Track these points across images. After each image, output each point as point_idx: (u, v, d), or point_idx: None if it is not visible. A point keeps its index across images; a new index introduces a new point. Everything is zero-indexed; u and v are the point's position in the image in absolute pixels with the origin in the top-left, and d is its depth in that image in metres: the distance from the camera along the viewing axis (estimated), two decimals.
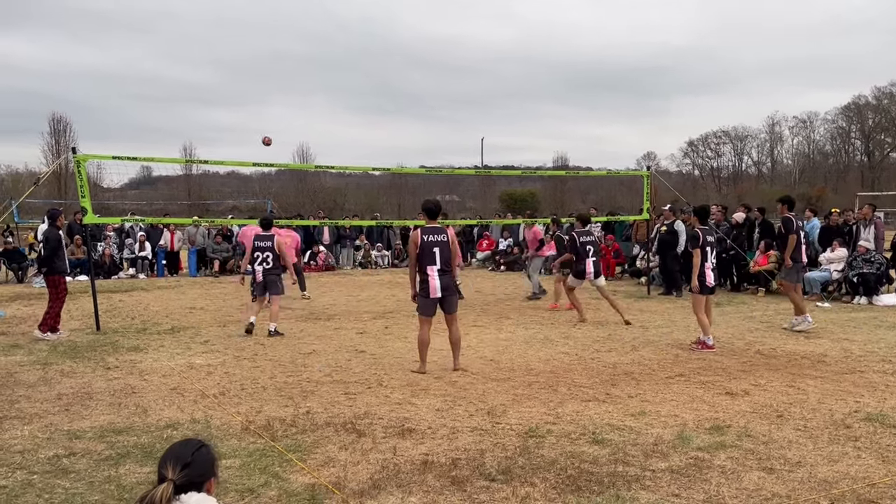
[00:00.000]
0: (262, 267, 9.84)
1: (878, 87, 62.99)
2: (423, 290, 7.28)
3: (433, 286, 7.21)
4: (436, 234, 7.30)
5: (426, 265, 7.24)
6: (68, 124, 52.26)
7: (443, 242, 7.29)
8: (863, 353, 8.20)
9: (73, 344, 9.24)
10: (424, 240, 7.26)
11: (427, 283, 7.24)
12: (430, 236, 7.28)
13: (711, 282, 8.66)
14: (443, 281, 7.25)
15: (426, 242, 7.25)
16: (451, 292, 7.37)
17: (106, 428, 5.51)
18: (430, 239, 7.26)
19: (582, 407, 6.03)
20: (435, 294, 7.22)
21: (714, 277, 8.77)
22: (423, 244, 7.25)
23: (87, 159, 10.99)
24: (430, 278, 7.22)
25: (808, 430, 5.32)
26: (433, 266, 7.23)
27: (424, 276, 7.26)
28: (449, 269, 7.34)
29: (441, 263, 7.25)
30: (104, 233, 20.05)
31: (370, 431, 5.37)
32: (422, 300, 7.32)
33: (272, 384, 6.97)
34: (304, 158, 57.30)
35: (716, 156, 73.58)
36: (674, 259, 14.59)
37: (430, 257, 7.23)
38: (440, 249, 7.25)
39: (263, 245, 9.91)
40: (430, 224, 7.44)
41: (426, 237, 7.27)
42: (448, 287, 7.31)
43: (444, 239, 7.31)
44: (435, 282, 7.21)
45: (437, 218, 7.60)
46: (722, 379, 7.02)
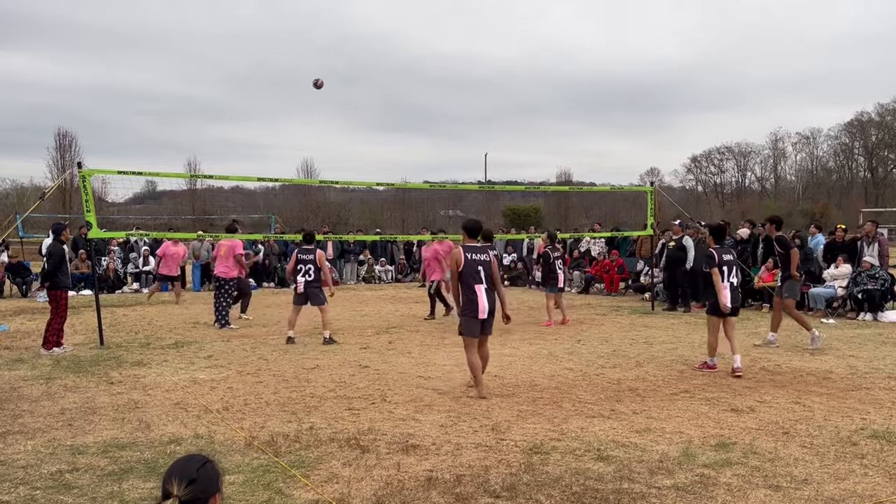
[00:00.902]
0: (304, 279, 10.19)
1: (881, 104, 63.13)
2: (471, 310, 6.91)
3: (482, 306, 6.87)
4: (479, 253, 7.01)
5: (473, 283, 6.89)
6: (74, 139, 52.79)
7: (486, 262, 7.00)
8: (868, 370, 8.16)
9: (77, 358, 9.24)
10: (468, 258, 6.94)
11: (476, 303, 6.88)
12: (473, 254, 6.97)
13: (728, 303, 8.17)
14: (490, 301, 6.94)
15: (470, 260, 6.93)
16: (493, 312, 7.04)
17: (109, 443, 5.50)
18: (474, 257, 6.96)
19: (587, 423, 6.00)
20: (483, 314, 6.90)
21: (734, 298, 8.28)
22: (466, 262, 6.92)
23: (92, 174, 11.03)
24: (479, 298, 6.88)
25: (814, 447, 5.29)
26: (480, 285, 6.89)
27: (472, 295, 6.89)
28: (493, 289, 7.03)
29: (487, 282, 6.94)
30: (109, 247, 20.10)
31: (374, 447, 5.35)
32: (468, 321, 6.95)
33: (275, 399, 6.95)
34: (308, 173, 57.52)
35: (719, 172, 73.68)
36: (683, 275, 14.56)
37: (475, 276, 6.90)
38: (484, 268, 6.96)
39: (306, 258, 10.26)
40: (470, 242, 7.12)
41: (469, 255, 6.95)
42: (492, 308, 6.99)
43: (488, 258, 7.04)
44: (483, 302, 6.88)
45: (479, 237, 7.26)
46: (727, 395, 6.99)
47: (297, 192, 57.80)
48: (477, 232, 7.25)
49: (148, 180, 48.52)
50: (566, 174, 63.90)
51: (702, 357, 8.68)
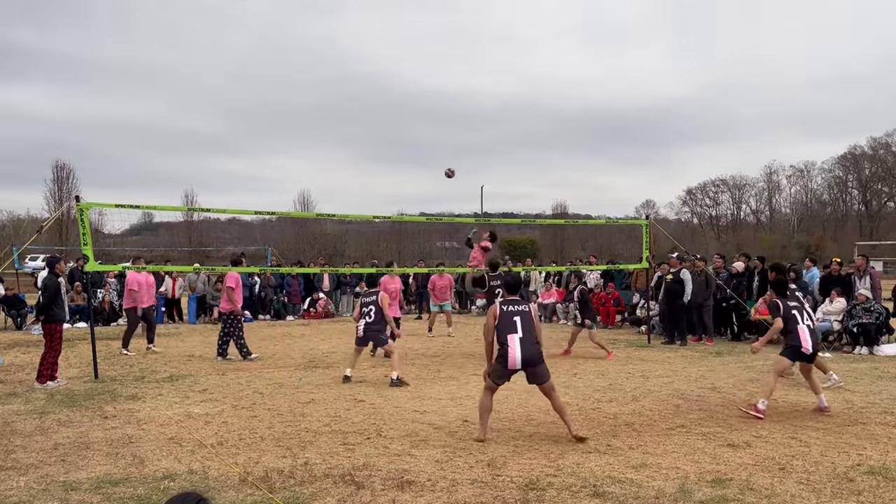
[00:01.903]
0: (365, 321, 10.16)
1: (873, 138, 63.75)
2: (501, 358, 6.71)
3: (513, 357, 6.61)
4: (516, 305, 6.89)
5: (506, 334, 6.71)
6: (71, 171, 52.82)
7: (524, 312, 6.83)
8: (864, 405, 8.15)
9: (71, 392, 9.19)
10: (504, 310, 6.83)
11: (506, 353, 6.65)
12: (509, 307, 6.86)
13: (808, 347, 7.73)
14: (525, 351, 6.65)
15: (505, 313, 6.80)
16: (537, 362, 6.72)
17: (102, 479, 5.46)
18: (510, 309, 6.83)
19: (583, 459, 5.98)
20: (514, 365, 6.64)
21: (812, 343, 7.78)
22: (502, 315, 6.80)
23: (90, 207, 11.07)
24: (510, 348, 6.64)
25: (810, 483, 5.28)
26: (514, 334, 6.68)
27: (504, 345, 6.70)
28: (536, 340, 6.78)
29: (523, 332, 6.70)
30: (105, 279, 20.08)
31: (369, 483, 5.32)
32: (497, 367, 6.76)
33: (270, 434, 6.92)
34: (305, 206, 57.66)
35: (714, 204, 74.11)
36: (680, 308, 14.59)
37: (510, 326, 6.73)
38: (522, 318, 6.77)
39: (368, 301, 10.30)
40: (509, 297, 7.09)
41: (505, 308, 6.85)
42: (533, 359, 6.68)
43: (526, 309, 6.88)
44: (515, 352, 6.61)
45: (518, 293, 7.18)
46: (723, 430, 6.98)
47: (293, 223, 57.90)
48: (516, 289, 7.20)
49: (145, 212, 48.57)
50: (562, 206, 64.22)
51: (696, 384, 8.68)
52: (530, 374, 6.77)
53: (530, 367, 6.71)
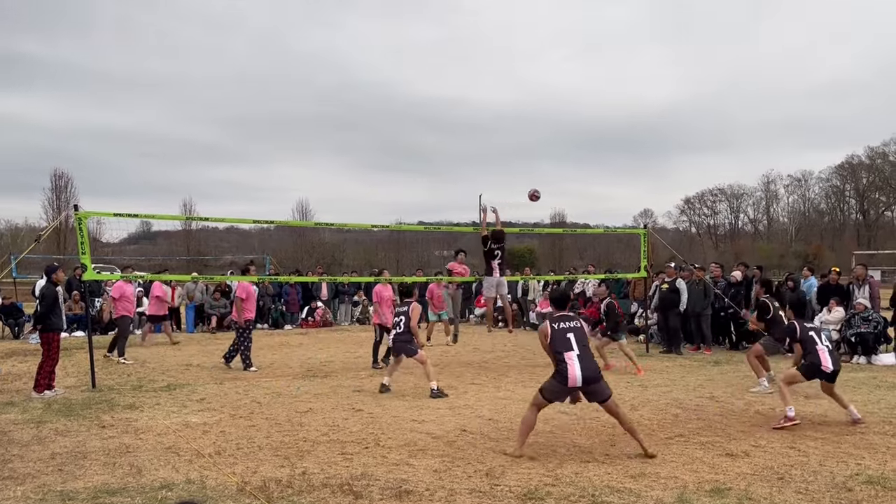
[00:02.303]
0: (395, 332, 10.01)
1: (871, 147, 63.93)
2: (559, 375, 6.50)
3: (572, 374, 6.41)
4: (567, 322, 6.73)
5: (562, 351, 6.52)
6: (70, 180, 52.90)
7: (577, 328, 6.67)
8: (863, 414, 8.13)
9: (68, 401, 9.17)
10: (554, 328, 6.68)
11: (565, 371, 6.45)
12: (560, 324, 6.71)
13: (829, 365, 7.66)
14: (585, 368, 6.44)
15: (557, 330, 6.65)
16: (597, 379, 6.50)
17: (99, 489, 5.45)
18: (561, 326, 6.69)
19: (581, 468, 5.97)
20: (574, 383, 6.42)
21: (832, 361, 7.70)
22: (553, 332, 6.66)
23: (88, 216, 11.07)
24: (570, 365, 6.43)
25: (809, 492, 5.27)
26: (570, 351, 6.50)
27: (562, 363, 6.49)
28: (592, 356, 6.62)
29: (580, 349, 6.53)
30: (104, 288, 20.06)
31: (367, 493, 5.31)
32: (553, 384, 6.55)
33: (268, 443, 6.91)
34: (303, 215, 57.70)
35: (712, 213, 74.25)
36: (676, 317, 14.59)
37: (564, 343, 6.56)
38: (575, 335, 6.60)
39: (401, 311, 10.09)
40: (559, 313, 6.88)
41: (556, 325, 6.70)
42: (593, 376, 6.46)
43: (578, 325, 6.72)
44: (574, 369, 6.42)
45: (567, 307, 7.00)
46: (722, 440, 6.97)
47: (292, 232, 57.94)
48: (564, 303, 7.02)
49: (143, 221, 48.60)
50: (560, 216, 64.29)
51: (693, 395, 8.67)
52: (590, 392, 6.53)
53: (590, 384, 6.48)
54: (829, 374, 7.71)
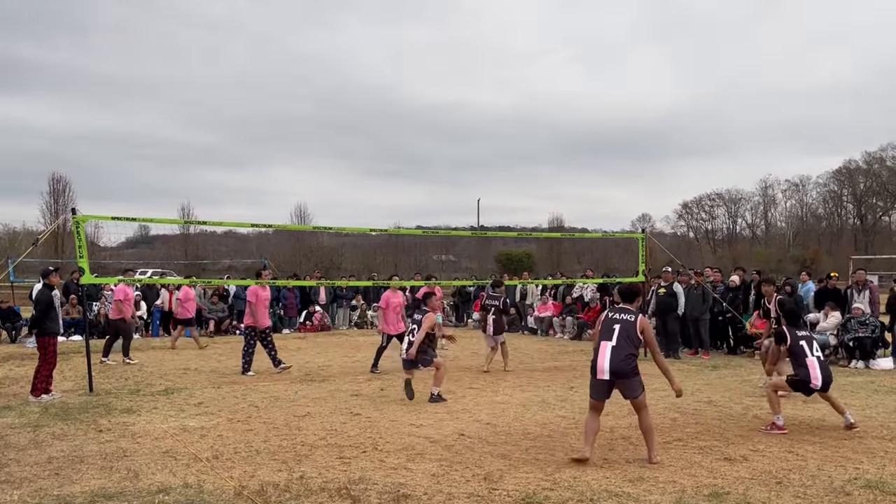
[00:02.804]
0: (408, 339, 9.73)
1: (868, 152, 64.01)
2: (592, 368, 6.45)
3: (601, 366, 6.32)
4: (621, 313, 6.53)
5: (600, 340, 6.43)
6: (68, 184, 52.88)
7: (627, 322, 6.44)
8: (861, 418, 8.14)
9: (66, 405, 9.15)
10: (608, 317, 6.57)
11: (595, 361, 6.40)
12: (615, 313, 6.56)
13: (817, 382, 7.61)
14: (616, 362, 6.27)
15: (608, 319, 6.53)
16: (628, 374, 6.33)
17: (97, 493, 5.43)
18: (614, 316, 6.54)
19: (579, 472, 5.97)
20: (602, 375, 6.32)
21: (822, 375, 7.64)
22: (605, 321, 6.54)
23: (86, 220, 11.06)
24: (600, 356, 6.35)
25: (807, 497, 5.27)
26: (607, 342, 6.36)
27: (595, 353, 6.45)
28: (630, 352, 6.36)
29: (619, 341, 6.33)
30: (102, 292, 20.03)
31: (365, 497, 5.30)
32: (591, 379, 6.49)
33: (266, 448, 6.89)
34: (301, 218, 57.70)
35: (710, 218, 74.19)
36: (675, 321, 14.59)
37: (607, 333, 6.42)
38: (622, 326, 6.41)
39: (417, 318, 9.81)
40: (620, 305, 6.73)
41: (611, 314, 6.59)
42: (623, 370, 6.28)
43: (631, 319, 6.47)
44: (604, 361, 6.30)
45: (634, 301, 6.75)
46: (720, 444, 6.97)
47: (290, 236, 57.84)
48: (631, 298, 6.76)
49: (141, 225, 48.56)
50: (558, 220, 64.28)
51: (692, 399, 8.66)
52: (621, 386, 6.39)
53: (621, 378, 6.33)
54: (816, 390, 7.70)
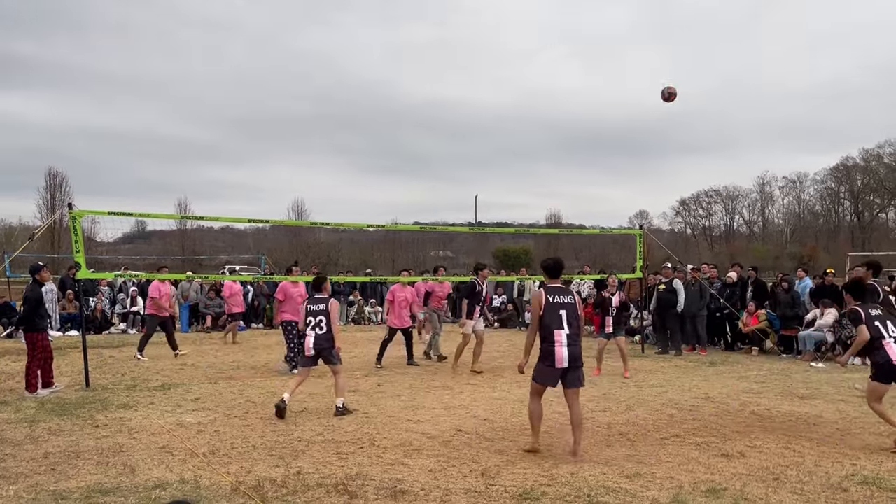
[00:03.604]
0: (315, 333, 8.39)
1: (865, 149, 64.01)
2: (548, 358, 6.33)
3: (560, 355, 6.27)
4: (562, 295, 6.45)
5: (552, 329, 6.31)
6: (64, 179, 52.70)
7: (570, 304, 6.43)
8: (858, 415, 8.16)
9: (62, 401, 9.13)
10: (549, 300, 6.38)
11: (552, 351, 6.30)
12: (555, 297, 6.41)
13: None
14: (571, 350, 6.32)
15: (551, 304, 6.37)
16: (579, 364, 6.39)
17: (93, 488, 5.42)
18: (556, 300, 6.40)
19: (577, 468, 5.96)
20: (561, 364, 6.28)
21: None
22: (547, 305, 6.37)
23: (82, 215, 11.03)
24: (557, 345, 6.28)
25: (804, 493, 5.27)
26: (560, 331, 6.30)
27: (549, 342, 6.32)
28: (578, 338, 6.43)
29: (569, 328, 6.35)
30: (98, 287, 19.99)
31: (362, 493, 5.29)
32: (544, 367, 6.39)
33: (263, 443, 6.88)
34: (299, 214, 57.64)
35: (707, 214, 74.22)
36: (674, 318, 14.58)
37: (556, 321, 6.32)
38: (567, 312, 6.38)
39: (316, 309, 8.49)
40: (552, 283, 6.63)
41: (551, 297, 6.40)
42: (576, 358, 6.34)
43: (572, 301, 6.47)
44: (562, 350, 6.28)
45: (560, 276, 6.76)
46: (717, 440, 6.97)
47: (287, 232, 57.82)
48: (557, 271, 6.74)
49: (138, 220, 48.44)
50: (556, 216, 64.32)
51: (689, 395, 8.65)
52: (571, 374, 6.39)
53: (575, 366, 6.37)
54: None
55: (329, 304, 8.50)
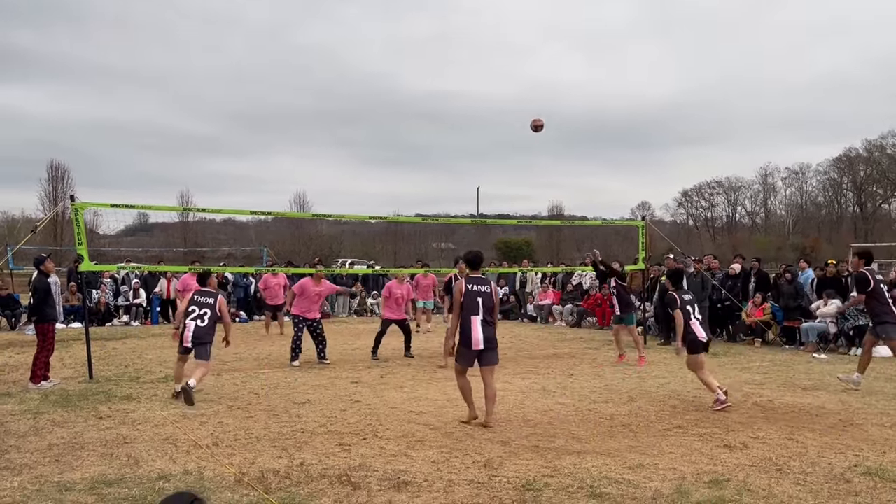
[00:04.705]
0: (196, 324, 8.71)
1: (868, 140, 63.75)
2: (465, 340, 7.13)
3: (476, 337, 7.07)
4: (480, 285, 7.23)
5: (469, 315, 7.11)
6: (66, 171, 52.76)
7: (486, 293, 7.20)
8: (861, 406, 8.16)
9: (66, 393, 9.15)
10: (469, 289, 7.15)
11: (469, 333, 7.09)
12: (474, 286, 7.20)
13: (703, 335, 8.24)
14: (486, 332, 7.10)
15: (471, 292, 7.15)
16: (493, 345, 7.19)
17: (97, 479, 5.43)
18: (475, 288, 7.18)
19: (579, 459, 5.97)
20: (477, 346, 7.07)
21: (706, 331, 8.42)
22: (467, 293, 7.14)
23: (84, 207, 11.03)
24: (473, 329, 7.08)
25: (807, 484, 5.27)
26: (476, 316, 7.10)
27: (467, 327, 7.10)
28: (492, 321, 7.22)
29: (484, 314, 7.12)
30: (101, 279, 20.01)
31: (365, 484, 5.30)
32: (463, 350, 7.18)
33: (266, 434, 6.89)
34: (300, 206, 57.61)
35: (710, 206, 74.03)
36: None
37: (474, 307, 7.11)
38: (483, 300, 7.15)
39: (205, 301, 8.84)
40: (473, 274, 7.40)
41: (471, 286, 7.18)
42: (490, 339, 7.14)
43: (488, 290, 7.25)
44: (478, 333, 7.07)
45: (480, 268, 7.59)
46: (720, 431, 6.97)
47: (289, 224, 57.79)
48: (478, 264, 7.55)
49: (140, 212, 48.45)
50: (558, 208, 64.21)
51: (693, 386, 8.67)
52: (486, 355, 7.14)
53: (490, 347, 7.13)
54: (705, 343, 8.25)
55: (217, 301, 8.93)
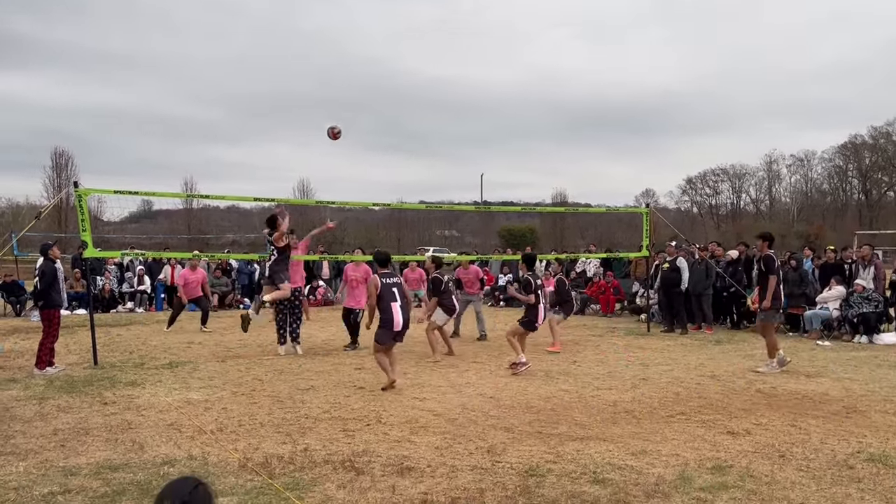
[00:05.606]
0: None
1: (874, 127, 63.39)
2: (387, 323, 8.27)
3: (396, 320, 8.27)
4: (391, 278, 8.53)
5: (389, 302, 8.28)
6: (70, 158, 52.76)
7: (398, 283, 8.55)
8: (864, 393, 8.16)
9: (71, 378, 9.19)
10: (383, 282, 8.36)
11: (391, 317, 8.25)
12: (387, 279, 8.44)
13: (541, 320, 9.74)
14: (405, 316, 8.38)
15: (385, 284, 8.36)
16: (407, 326, 8.48)
17: (102, 464, 5.46)
18: (388, 281, 8.42)
19: (582, 446, 5.98)
20: (398, 327, 8.30)
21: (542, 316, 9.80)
22: (383, 286, 8.32)
23: (88, 193, 11.03)
24: (394, 313, 8.27)
25: (810, 470, 5.28)
26: (395, 302, 8.31)
27: (388, 312, 8.25)
28: (407, 307, 8.51)
29: (401, 300, 8.37)
30: (106, 266, 20.05)
31: (369, 469, 5.32)
32: (384, 332, 8.31)
33: (270, 420, 6.92)
34: (304, 193, 57.56)
35: (714, 193, 73.85)
36: (678, 296, 14.56)
37: (391, 296, 8.32)
38: (398, 289, 8.43)
39: None
40: (383, 270, 8.60)
41: (384, 280, 8.40)
42: (408, 323, 8.47)
43: (398, 280, 8.65)
44: (398, 316, 8.28)
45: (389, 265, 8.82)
46: (723, 418, 6.98)
47: (292, 211, 57.35)
48: (387, 262, 8.80)
49: (144, 199, 48.45)
50: (562, 195, 64.01)
51: (695, 373, 8.67)
52: (401, 335, 8.43)
53: (405, 328, 8.42)
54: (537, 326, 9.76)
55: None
